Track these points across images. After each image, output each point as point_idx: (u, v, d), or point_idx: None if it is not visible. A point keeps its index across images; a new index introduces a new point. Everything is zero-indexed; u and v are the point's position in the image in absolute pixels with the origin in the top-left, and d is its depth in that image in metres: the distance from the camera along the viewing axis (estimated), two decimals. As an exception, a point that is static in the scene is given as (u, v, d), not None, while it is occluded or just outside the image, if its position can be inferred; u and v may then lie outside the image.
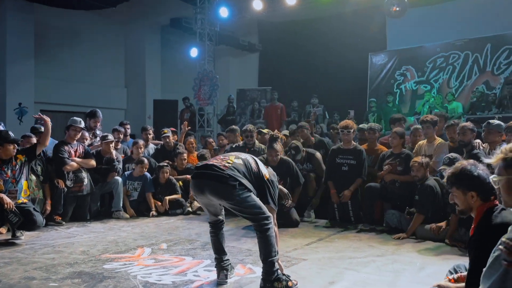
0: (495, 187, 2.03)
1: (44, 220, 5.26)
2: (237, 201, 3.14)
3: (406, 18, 10.41)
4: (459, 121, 6.14)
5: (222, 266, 3.46)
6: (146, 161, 6.77)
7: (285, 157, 5.91)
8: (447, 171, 2.52)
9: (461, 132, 5.33)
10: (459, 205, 2.40)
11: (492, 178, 2.04)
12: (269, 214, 3.21)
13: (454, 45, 10.90)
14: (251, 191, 3.21)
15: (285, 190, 5.24)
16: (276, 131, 6.09)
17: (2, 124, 6.33)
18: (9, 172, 4.98)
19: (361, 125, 7.08)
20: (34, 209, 5.00)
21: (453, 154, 4.86)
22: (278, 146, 5.79)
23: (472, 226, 2.33)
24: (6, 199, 4.72)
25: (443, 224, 4.75)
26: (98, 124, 7.29)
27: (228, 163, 3.26)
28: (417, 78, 11.40)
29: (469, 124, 5.41)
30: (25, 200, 5.05)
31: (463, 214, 2.43)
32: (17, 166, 5.08)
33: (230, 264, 3.53)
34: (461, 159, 4.79)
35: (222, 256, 3.48)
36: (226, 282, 3.42)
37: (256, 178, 3.34)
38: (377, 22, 12.75)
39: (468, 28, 10.93)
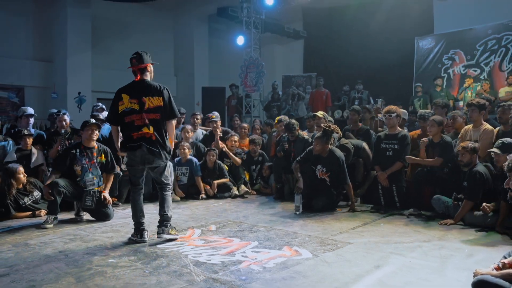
0: None
1: (114, 212, 5.53)
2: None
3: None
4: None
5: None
6: (182, 142, 6.96)
7: (338, 153, 5.87)
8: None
9: None
10: None
11: None
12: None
13: (508, 26, 10.33)
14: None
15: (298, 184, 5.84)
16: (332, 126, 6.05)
17: (67, 114, 6.69)
18: (87, 160, 5.31)
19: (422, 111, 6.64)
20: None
21: (508, 139, 4.67)
22: (324, 139, 5.81)
23: None
24: (108, 197, 5.25)
25: (491, 205, 4.56)
26: None
27: None
28: (466, 62, 10.95)
29: None
30: (97, 189, 5.33)
31: None
32: (96, 161, 5.38)
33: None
34: None
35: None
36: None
37: None
38: (423, 4, 12.36)
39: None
